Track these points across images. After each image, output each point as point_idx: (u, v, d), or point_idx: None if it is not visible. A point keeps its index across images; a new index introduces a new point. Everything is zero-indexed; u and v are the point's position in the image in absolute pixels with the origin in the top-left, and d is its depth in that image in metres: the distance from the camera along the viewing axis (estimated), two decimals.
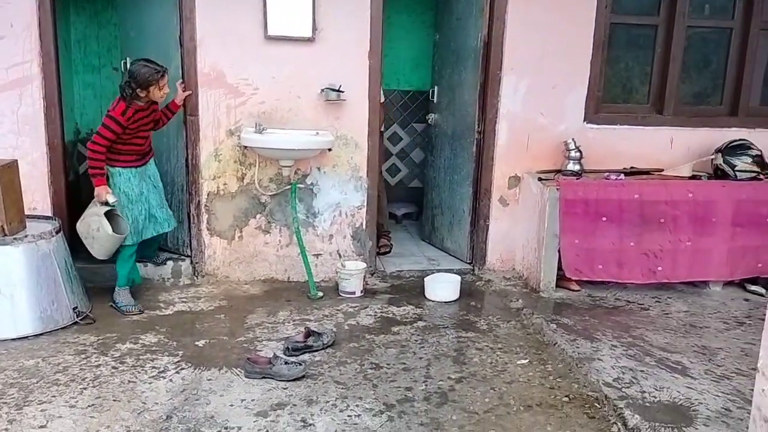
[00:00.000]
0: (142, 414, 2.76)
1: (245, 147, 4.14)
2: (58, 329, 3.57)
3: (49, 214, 4.05)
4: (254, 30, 4.07)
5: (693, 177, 4.49)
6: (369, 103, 4.31)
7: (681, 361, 3.28)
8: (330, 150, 4.22)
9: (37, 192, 4.09)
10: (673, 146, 4.69)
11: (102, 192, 3.67)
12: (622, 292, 4.30)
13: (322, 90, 4.19)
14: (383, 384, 3.08)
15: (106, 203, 3.68)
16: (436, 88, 5.06)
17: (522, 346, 3.55)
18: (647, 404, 2.84)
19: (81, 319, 3.67)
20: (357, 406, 2.87)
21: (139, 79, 3.62)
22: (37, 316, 3.53)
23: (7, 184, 3.50)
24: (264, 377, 3.07)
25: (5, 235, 3.50)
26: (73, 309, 3.66)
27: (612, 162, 4.59)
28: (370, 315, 3.93)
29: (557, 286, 4.30)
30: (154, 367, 3.18)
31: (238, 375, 3.11)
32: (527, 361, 3.36)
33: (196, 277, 4.36)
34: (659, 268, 4.20)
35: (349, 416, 2.79)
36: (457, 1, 4.69)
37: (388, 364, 3.28)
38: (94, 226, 3.70)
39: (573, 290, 4.30)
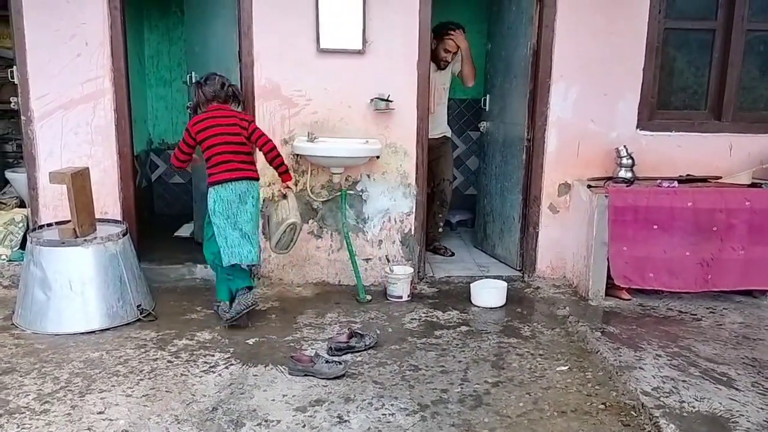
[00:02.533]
0: (191, 405, 2.95)
1: (298, 155, 4.32)
2: (122, 325, 3.83)
3: (119, 218, 4.35)
4: (307, 44, 4.25)
5: (753, 185, 4.35)
6: (418, 111, 4.41)
7: (727, 373, 3.20)
8: (378, 158, 4.35)
9: (108, 197, 4.40)
10: (732, 153, 4.56)
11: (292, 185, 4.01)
12: (675, 302, 4.21)
13: (372, 100, 4.32)
14: (420, 385, 3.16)
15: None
16: (487, 96, 5.12)
17: (563, 353, 3.55)
18: (685, 414, 2.80)
19: (144, 316, 3.92)
20: (392, 405, 2.97)
21: (208, 96, 3.73)
22: (104, 313, 3.80)
23: (79, 190, 3.81)
24: (306, 375, 3.21)
25: (77, 236, 3.80)
26: (137, 306, 3.92)
27: (667, 169, 4.51)
28: (415, 319, 4.01)
29: (608, 294, 4.26)
30: (205, 362, 3.38)
31: (282, 372, 3.27)
32: (567, 368, 3.36)
33: (253, 279, 4.55)
34: (709, 277, 4.10)
35: (383, 414, 2.89)
36: (509, 10, 4.74)
37: (426, 366, 3.36)
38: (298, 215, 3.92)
39: (623, 299, 4.25)
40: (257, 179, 3.83)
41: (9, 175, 5.14)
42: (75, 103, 4.27)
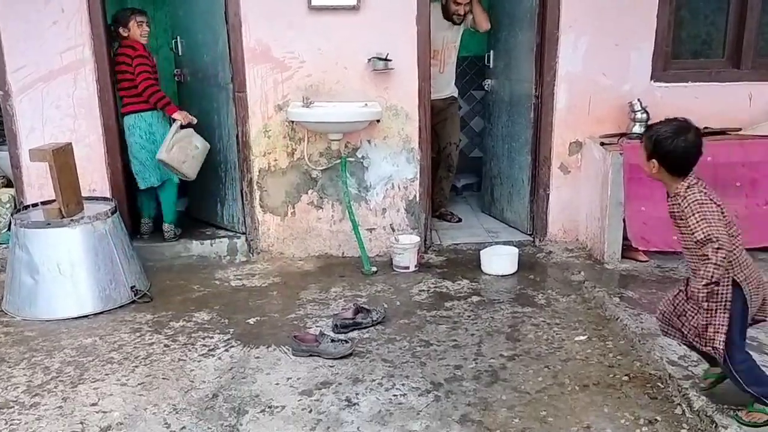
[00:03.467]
0: (189, 392, 2.78)
1: (293, 122, 4.08)
2: (116, 308, 3.65)
3: (108, 195, 4.14)
4: (298, 1, 3.98)
5: None
6: (419, 70, 4.16)
7: (756, 337, 3.01)
8: (379, 121, 4.11)
9: (95, 173, 4.19)
10: (752, 103, 4.30)
11: (184, 115, 4.12)
12: None
13: (369, 59, 4.06)
14: (432, 362, 2.98)
15: (189, 124, 4.11)
16: (491, 52, 4.84)
17: (581, 321, 3.36)
18: None
19: (139, 298, 3.74)
20: (403, 385, 2.80)
21: (117, 17, 4.09)
22: (97, 295, 3.62)
23: (62, 167, 3.59)
24: (311, 355, 3.04)
25: (63, 217, 3.60)
26: (131, 288, 3.74)
27: None
28: (423, 290, 3.83)
29: (623, 257, 4.06)
30: (204, 345, 3.20)
31: (285, 353, 3.09)
32: (586, 337, 3.18)
33: (252, 254, 4.38)
34: None
35: (394, 395, 2.72)
36: None
37: (438, 341, 3.18)
38: (190, 147, 4.11)
39: (641, 261, 4.05)
40: (142, 111, 4.12)
41: None
42: (55, 75, 4.03)
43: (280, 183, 4.27)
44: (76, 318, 3.54)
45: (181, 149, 4.05)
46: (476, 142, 6.05)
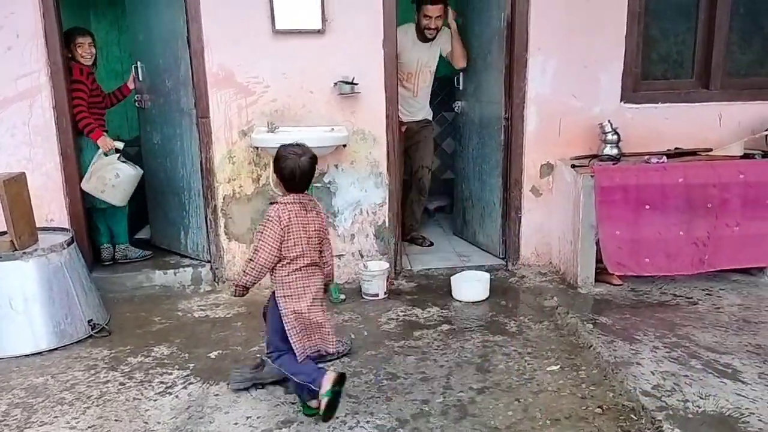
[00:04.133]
0: None
1: (258, 147, 3.98)
2: (72, 343, 3.49)
3: (66, 225, 4.00)
4: (261, 25, 3.90)
5: (745, 156, 4.08)
6: (386, 94, 4.09)
7: (731, 364, 2.94)
8: (345, 146, 4.02)
9: (53, 203, 4.04)
10: (721, 123, 4.29)
11: (106, 141, 4.10)
12: (668, 285, 3.95)
13: (335, 83, 3.98)
14: (398, 396, 2.87)
15: (116, 150, 4.10)
16: (461, 74, 4.79)
17: (554, 349, 3.27)
18: (690, 415, 2.53)
19: (96, 332, 3.59)
20: (368, 422, 2.67)
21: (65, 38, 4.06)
22: (51, 331, 3.46)
23: (14, 197, 3.45)
24: (254, 384, 2.92)
25: (15, 249, 3.45)
26: (88, 322, 3.58)
27: (654, 144, 4.23)
28: (392, 319, 3.72)
29: (597, 280, 3.99)
30: (162, 383, 3.06)
31: (246, 390, 2.96)
32: (558, 366, 3.09)
33: (217, 283, 4.25)
34: (706, 257, 3.84)
35: None
36: None
37: (405, 374, 3.06)
38: (110, 176, 4.07)
39: (615, 284, 3.99)
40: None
41: None
42: (9, 102, 3.89)
43: (246, 210, 4.16)
44: (28, 355, 3.37)
45: (99, 179, 4.07)
46: (448, 163, 5.99)
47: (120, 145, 4.16)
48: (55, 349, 3.44)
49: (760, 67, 4.43)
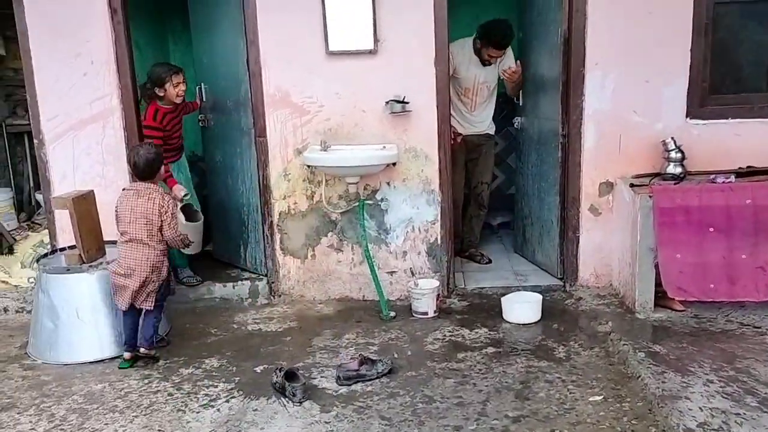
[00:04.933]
0: None
1: (311, 165, 4.07)
2: None
3: None
4: (316, 47, 3.99)
5: None
6: (438, 112, 4.08)
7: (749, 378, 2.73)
8: (395, 164, 4.05)
9: None
10: None
11: (176, 192, 4.00)
12: (736, 313, 3.71)
13: (387, 102, 4.02)
14: (431, 421, 2.85)
15: (180, 200, 3.98)
16: (521, 89, 4.71)
17: (600, 378, 3.15)
18: None
19: (156, 342, 3.77)
20: None
21: (153, 77, 4.08)
22: (114, 340, 3.67)
23: (83, 214, 3.69)
24: (357, 380, 3.19)
25: (83, 262, 3.69)
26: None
27: (723, 162, 3.99)
28: (438, 339, 3.70)
29: (658, 305, 3.80)
30: (207, 395, 3.18)
31: (283, 406, 3.03)
32: (602, 397, 2.97)
33: (273, 296, 4.37)
34: None
35: None
36: None
37: (442, 398, 3.04)
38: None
39: (677, 310, 3.78)
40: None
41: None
42: (85, 123, 4.18)
43: (300, 226, 4.26)
44: (92, 362, 3.60)
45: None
46: (513, 179, 5.87)
47: (182, 193, 4.02)
48: (117, 357, 3.65)
49: None
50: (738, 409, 2.70)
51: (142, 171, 3.45)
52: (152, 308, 3.50)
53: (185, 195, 4.05)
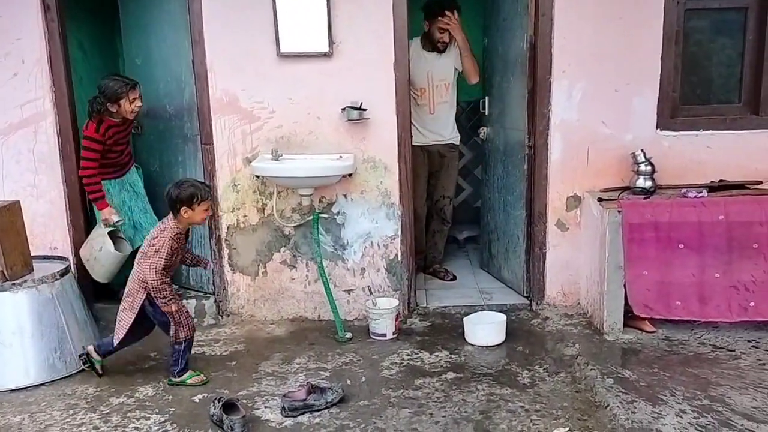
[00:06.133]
0: None
1: (260, 176, 3.80)
2: (61, 378, 3.38)
3: (69, 254, 3.92)
4: (266, 48, 3.73)
5: None
6: (398, 120, 3.84)
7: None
8: (351, 175, 3.80)
9: (57, 231, 3.97)
10: None
11: (107, 214, 3.74)
12: (709, 334, 3.52)
13: (343, 109, 3.77)
14: None
15: (112, 224, 3.75)
16: (486, 98, 4.50)
17: (566, 408, 2.92)
18: None
19: (88, 367, 3.45)
20: None
21: (107, 93, 3.65)
22: (39, 365, 3.36)
23: (6, 227, 3.37)
24: (304, 411, 2.94)
25: (6, 280, 3.36)
26: (80, 356, 3.45)
27: (695, 175, 3.83)
28: (396, 363, 3.44)
29: (627, 326, 3.60)
30: (136, 428, 2.87)
31: None
32: (567, 429, 2.73)
33: (221, 316, 4.07)
34: (751, 304, 3.41)
35: None
36: None
37: (395, 430, 2.78)
38: (96, 247, 3.78)
39: (647, 331, 3.59)
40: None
41: None
42: (14, 128, 3.86)
43: (251, 240, 3.98)
44: (13, 390, 3.26)
45: (89, 247, 3.84)
46: (480, 191, 5.66)
47: (116, 219, 3.76)
48: (42, 384, 3.32)
49: None
50: None
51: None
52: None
53: (118, 221, 3.77)
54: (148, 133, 4.26)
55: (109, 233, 3.76)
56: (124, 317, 3.24)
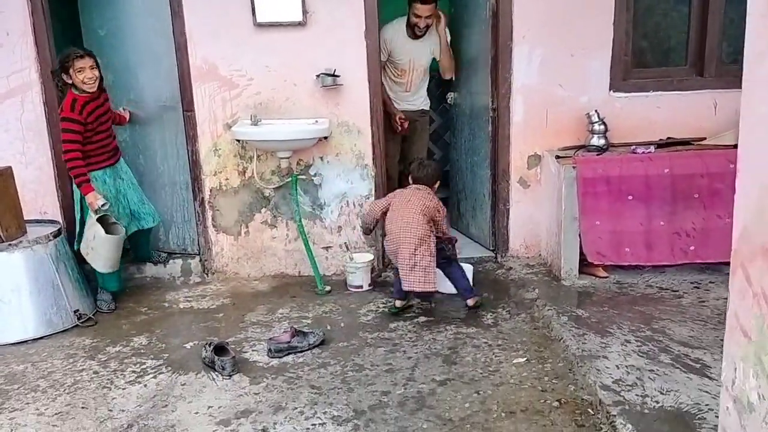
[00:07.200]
0: (105, 422, 2.71)
1: (242, 141, 4.02)
2: (58, 332, 3.60)
3: (59, 218, 4.11)
4: (243, 18, 3.92)
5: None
6: (370, 86, 4.08)
7: (701, 359, 2.87)
8: (327, 138, 4.03)
9: (47, 196, 4.16)
10: (717, 111, 4.16)
11: (92, 198, 3.61)
12: (656, 278, 3.86)
13: (318, 75, 3.99)
14: (360, 388, 2.88)
15: (99, 209, 3.64)
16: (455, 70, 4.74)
17: (524, 342, 3.24)
18: (646, 411, 2.49)
19: (83, 322, 3.69)
20: (324, 413, 2.70)
21: (58, 63, 3.61)
22: (38, 320, 3.57)
23: (1, 191, 3.56)
24: (289, 352, 3.21)
25: (2, 241, 3.56)
26: (75, 312, 3.68)
27: (645, 133, 4.13)
28: (372, 311, 3.73)
29: (583, 273, 3.93)
30: (133, 372, 3.13)
31: (213, 380, 3.01)
32: (524, 359, 3.06)
33: (206, 274, 4.31)
34: (692, 248, 3.75)
35: (312, 425, 2.62)
36: None
37: (372, 365, 3.08)
38: (90, 237, 3.69)
39: (600, 277, 3.92)
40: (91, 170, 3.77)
41: None
42: (2, 98, 4.02)
43: (233, 202, 4.21)
44: (14, 344, 3.49)
45: (85, 239, 3.72)
46: (450, 155, 5.94)
47: (101, 203, 3.60)
48: (42, 337, 3.55)
49: None
50: (652, 365, 2.83)
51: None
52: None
53: (103, 205, 3.62)
54: (117, 104, 4.21)
55: (99, 219, 3.64)
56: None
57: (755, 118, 1.59)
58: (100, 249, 3.69)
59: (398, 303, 3.67)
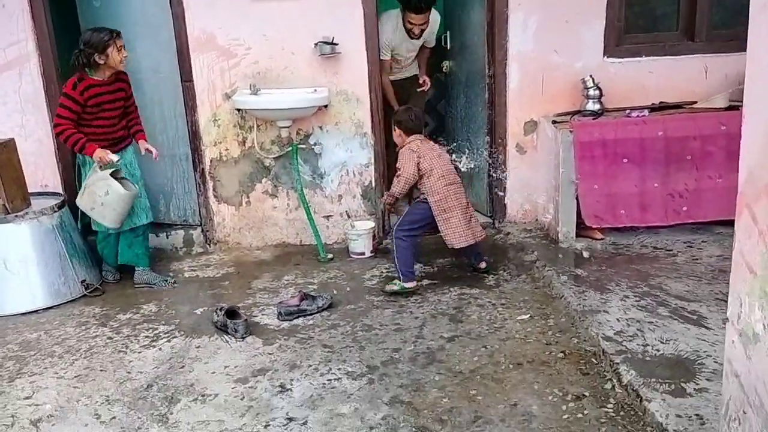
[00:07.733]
0: (124, 383, 2.78)
1: (242, 110, 4.05)
2: (66, 302, 3.65)
3: (59, 190, 4.13)
4: None
5: (730, 108, 4.05)
6: (368, 54, 4.11)
7: (698, 311, 2.99)
8: (326, 107, 4.07)
9: (47, 169, 4.17)
10: (707, 76, 4.25)
11: (101, 154, 3.45)
12: (650, 239, 3.98)
13: (316, 44, 4.02)
14: (371, 346, 2.97)
15: (110, 165, 3.49)
16: (448, 32, 4.79)
17: (527, 300, 3.35)
18: (647, 358, 2.61)
19: (90, 292, 3.74)
20: (339, 369, 2.79)
21: (94, 42, 3.41)
22: (46, 291, 3.62)
23: (4, 163, 3.57)
24: (299, 315, 3.29)
25: (8, 213, 3.58)
26: (82, 282, 3.73)
27: (638, 98, 4.22)
28: (376, 275, 3.81)
29: (579, 235, 4.03)
30: (147, 336, 3.20)
31: (226, 342, 3.09)
32: (528, 316, 3.17)
33: (208, 245, 4.36)
34: (684, 209, 3.86)
35: (328, 380, 2.71)
36: None
37: (381, 325, 3.17)
38: (100, 192, 3.50)
39: (596, 239, 4.02)
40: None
41: None
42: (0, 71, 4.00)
43: (233, 172, 4.25)
44: (24, 314, 3.53)
45: (90, 194, 3.55)
46: (444, 125, 5.99)
47: (115, 158, 3.51)
48: (51, 307, 3.60)
49: (746, 18, 4.34)
50: (651, 318, 2.95)
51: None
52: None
53: (118, 160, 3.52)
54: None
55: (111, 174, 3.52)
56: None
57: (761, 67, 1.67)
58: (114, 205, 3.53)
59: (409, 284, 3.46)
